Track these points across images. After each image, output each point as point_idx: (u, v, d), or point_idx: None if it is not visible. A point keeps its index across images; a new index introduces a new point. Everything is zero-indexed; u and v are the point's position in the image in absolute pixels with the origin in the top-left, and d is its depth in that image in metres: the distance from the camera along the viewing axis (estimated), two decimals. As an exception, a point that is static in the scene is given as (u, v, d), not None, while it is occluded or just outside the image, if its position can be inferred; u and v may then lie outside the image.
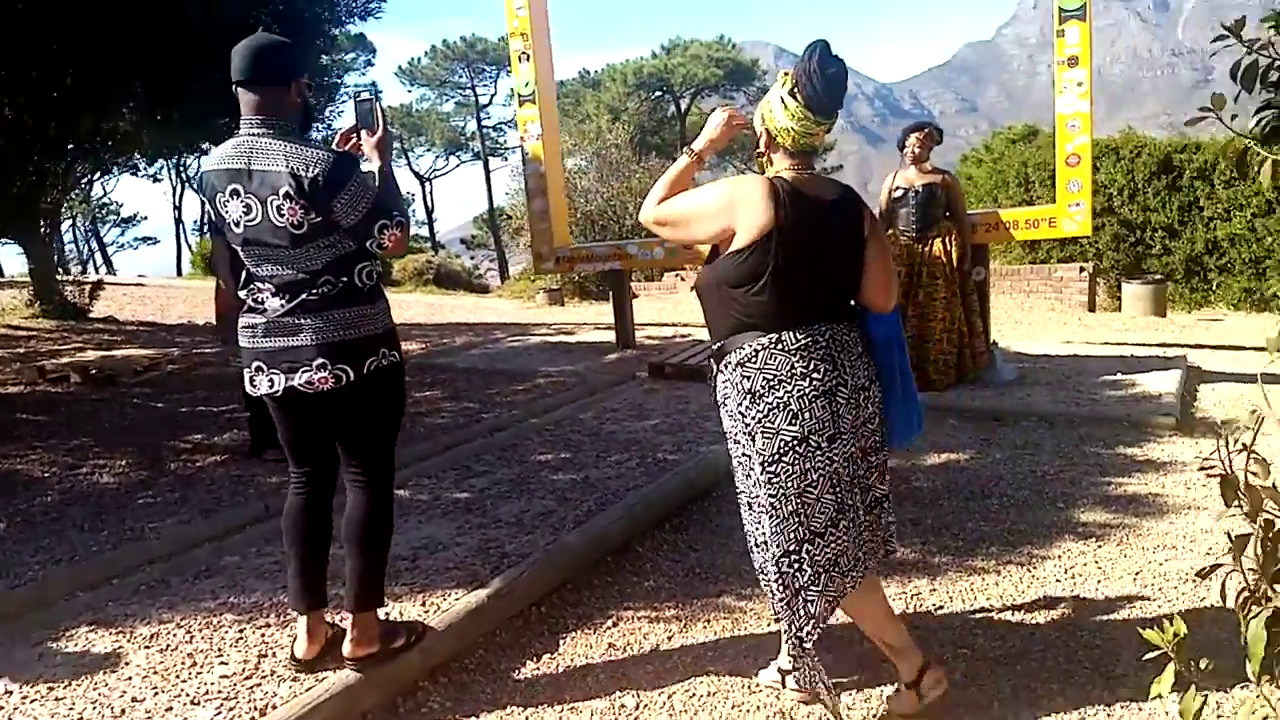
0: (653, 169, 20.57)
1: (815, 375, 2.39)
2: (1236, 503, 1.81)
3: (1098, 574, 3.46)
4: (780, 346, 2.40)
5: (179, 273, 38.48)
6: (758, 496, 2.49)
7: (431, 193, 51.11)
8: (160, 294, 15.76)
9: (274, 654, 3.02)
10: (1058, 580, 3.43)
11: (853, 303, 2.56)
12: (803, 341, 2.40)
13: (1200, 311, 12.82)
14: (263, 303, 2.73)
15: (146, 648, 3.10)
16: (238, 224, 2.65)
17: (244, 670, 2.92)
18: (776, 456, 2.40)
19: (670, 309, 13.74)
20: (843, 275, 2.50)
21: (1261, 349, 7.62)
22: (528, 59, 7.76)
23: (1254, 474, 1.81)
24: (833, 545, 2.45)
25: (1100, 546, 3.70)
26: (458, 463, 4.98)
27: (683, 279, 16.87)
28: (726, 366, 2.49)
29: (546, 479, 4.65)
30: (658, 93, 38.44)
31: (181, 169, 37.50)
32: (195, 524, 4.14)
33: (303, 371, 2.68)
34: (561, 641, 3.22)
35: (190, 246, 45.76)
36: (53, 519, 4.30)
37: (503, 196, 36.82)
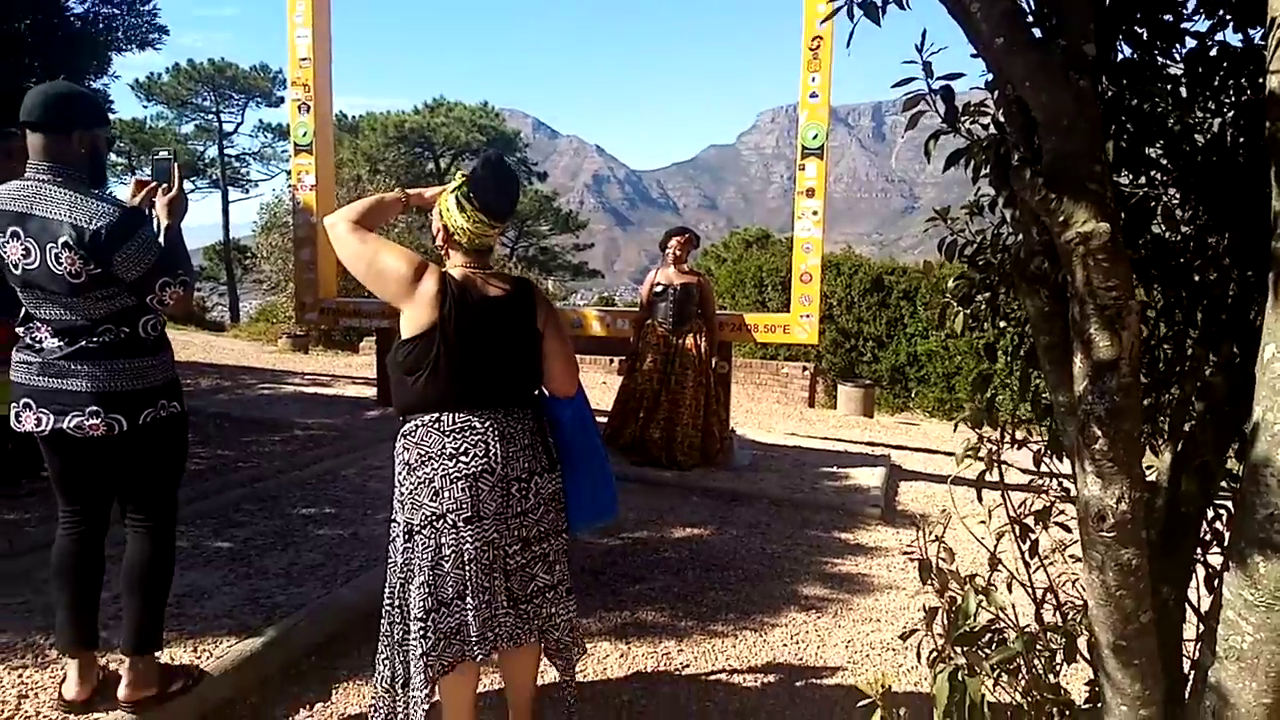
0: (411, 224, 20.54)
1: (463, 459, 2.53)
2: (930, 581, 2.33)
3: (817, 640, 4.01)
4: (437, 426, 2.56)
5: None
6: (396, 563, 2.65)
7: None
8: None
9: (35, 694, 2.95)
10: (784, 645, 3.95)
11: (537, 392, 2.75)
12: (458, 425, 2.54)
13: (900, 415, 14.47)
14: (40, 341, 2.73)
15: (-121, 691, 2.92)
16: (16, 266, 2.66)
17: (3, 711, 2.83)
18: (418, 527, 2.58)
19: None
20: (511, 366, 2.64)
21: (950, 453, 8.84)
22: (307, 110, 7.79)
23: (943, 559, 2.35)
24: (456, 616, 2.60)
25: (819, 617, 4.27)
26: (215, 512, 4.90)
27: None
28: (397, 438, 2.67)
29: (312, 533, 4.69)
30: (418, 148, 38.33)
31: None
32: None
33: (74, 416, 2.70)
34: (335, 691, 3.34)
35: None
36: None
37: (243, 230, 35.09)
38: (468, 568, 2.58)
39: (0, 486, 4.75)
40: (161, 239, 2.75)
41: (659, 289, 6.85)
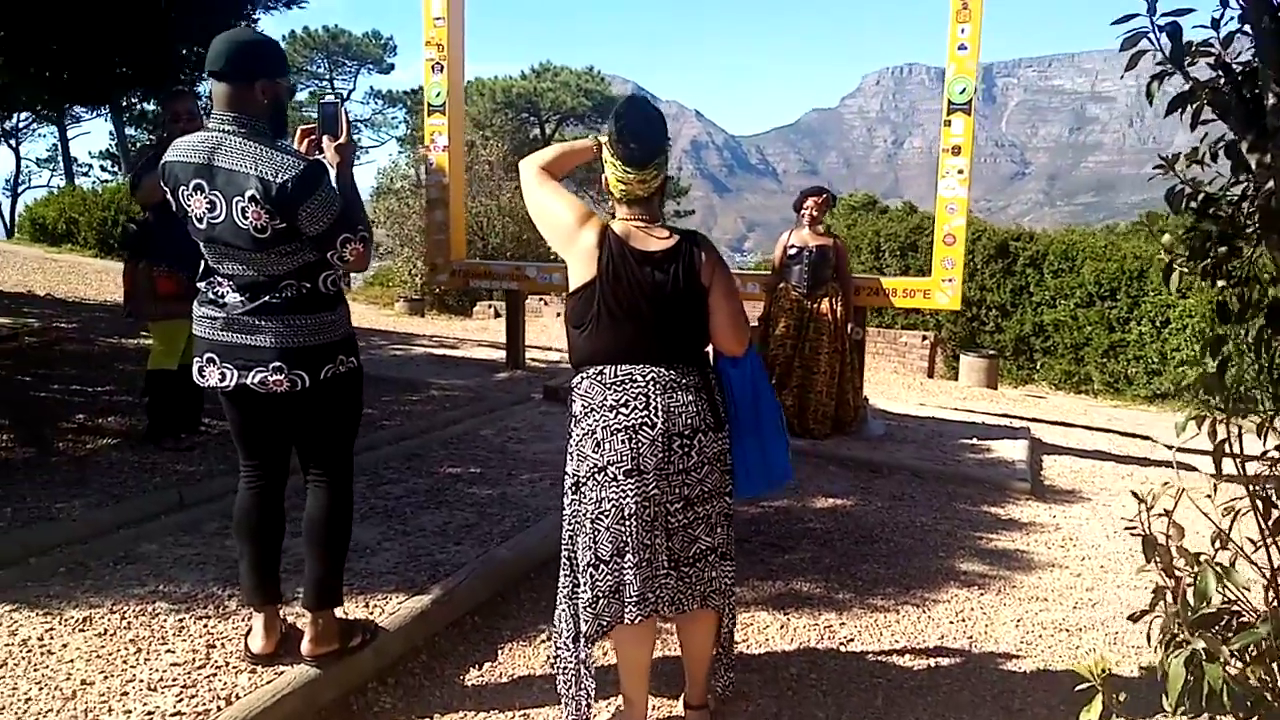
0: (518, 189, 20.64)
1: (623, 410, 2.49)
2: (1155, 560, 2.16)
3: (984, 619, 3.85)
4: (600, 378, 2.54)
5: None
6: (565, 514, 2.65)
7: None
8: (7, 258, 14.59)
9: (221, 645, 3.01)
10: (950, 622, 3.80)
11: (708, 350, 2.67)
12: (619, 378, 2.52)
13: (1025, 387, 13.99)
14: (222, 297, 2.72)
15: (81, 631, 3.03)
16: (200, 220, 2.65)
17: (194, 659, 2.90)
18: (582, 479, 2.56)
19: (538, 331, 13.83)
20: (673, 321, 2.56)
21: (1088, 428, 8.43)
22: (441, 69, 7.80)
23: (1169, 536, 2.17)
24: (614, 575, 2.54)
25: (983, 594, 4.10)
26: (366, 468, 4.96)
27: (546, 303, 17.02)
28: (570, 388, 2.67)
29: (462, 492, 4.72)
30: (524, 113, 38.54)
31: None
32: (107, 508, 3.98)
33: (257, 371, 2.69)
34: (500, 651, 3.33)
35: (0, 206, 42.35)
36: (-62, 490, 4.05)
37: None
38: (627, 523, 2.53)
39: (163, 439, 4.90)
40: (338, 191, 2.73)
41: (793, 251, 6.68)
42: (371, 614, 3.28)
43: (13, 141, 41.28)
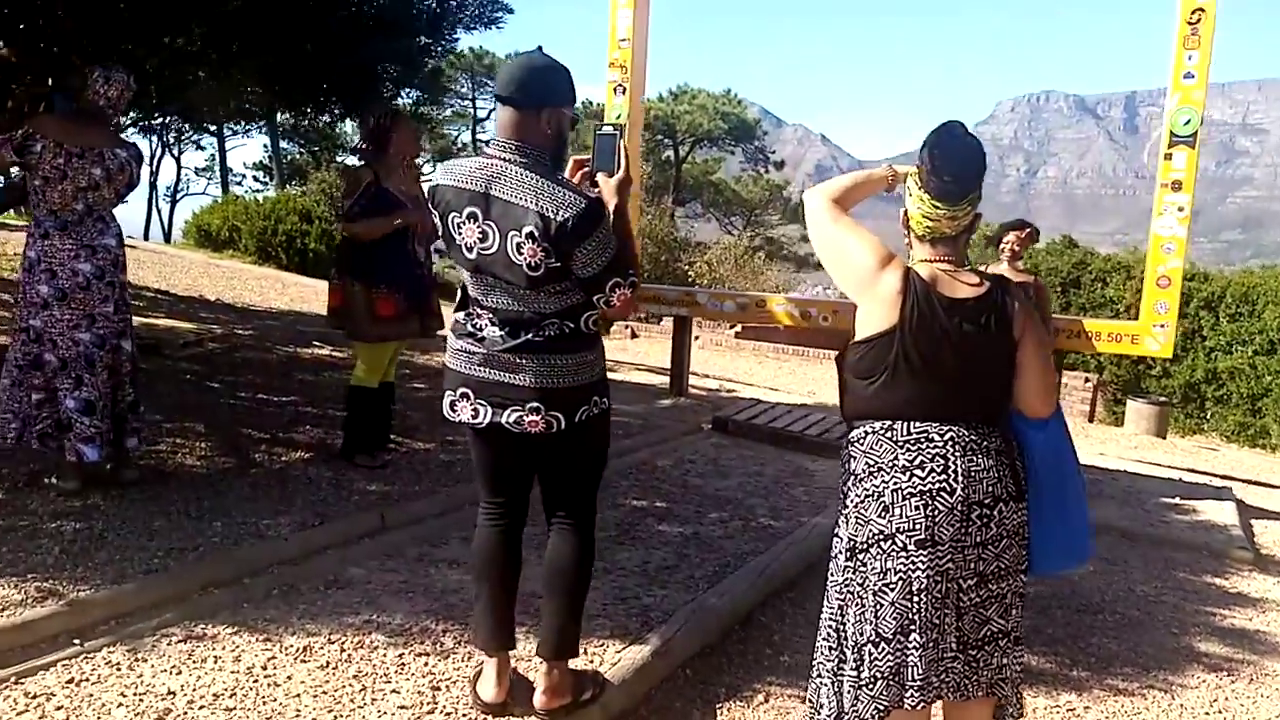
0: (662, 211, 20.66)
1: (918, 473, 2.25)
2: None
3: (1244, 713, 3.44)
4: (889, 434, 2.28)
5: (146, 236, 37.45)
6: (836, 582, 2.39)
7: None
8: (153, 259, 15.25)
9: (446, 688, 2.88)
10: (1206, 714, 3.41)
11: (1008, 407, 2.39)
12: (914, 435, 2.27)
13: (1193, 437, 13.11)
14: (481, 330, 2.61)
15: (303, 662, 2.94)
16: (470, 249, 2.53)
17: (421, 703, 2.78)
18: (862, 545, 2.30)
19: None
20: (978, 378, 2.33)
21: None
22: (623, 91, 7.73)
23: None
24: (896, 655, 2.28)
25: (1234, 681, 3.69)
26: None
27: (700, 326, 16.84)
28: (844, 444, 2.41)
29: (653, 529, 4.54)
30: (660, 135, 38.69)
31: (163, 132, 36.57)
32: (314, 528, 3.94)
33: (513, 410, 2.57)
34: (719, 712, 3.12)
35: (160, 213, 44.75)
36: (150, 499, 4.08)
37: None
38: (916, 599, 2.25)
39: (357, 455, 4.88)
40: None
41: (990, 288, 6.31)
42: (591, 662, 3.11)
43: (175, 151, 43.55)
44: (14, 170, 4.82)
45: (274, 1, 4.83)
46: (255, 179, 43.80)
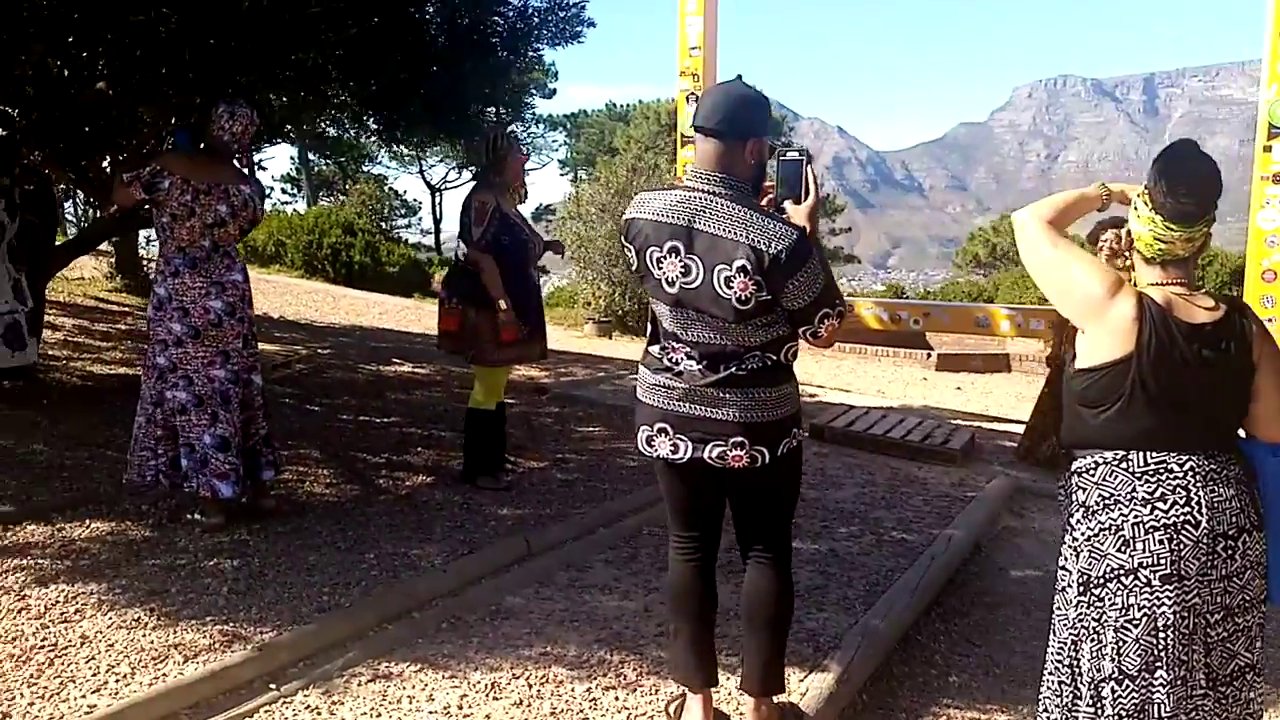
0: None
1: (1160, 505, 2.16)
2: None
3: None
4: (1124, 465, 2.20)
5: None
6: (1066, 616, 2.31)
7: (441, 204, 50.82)
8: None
9: (644, 724, 2.83)
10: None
11: (1240, 433, 2.31)
12: (1152, 466, 2.19)
13: None
14: (678, 364, 2.56)
15: (495, 699, 2.91)
16: (671, 284, 2.48)
17: (623, 741, 2.73)
18: (1098, 581, 2.22)
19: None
20: (1215, 405, 2.25)
21: None
22: (695, 99, 7.68)
23: None
24: (1141, 693, 2.20)
25: None
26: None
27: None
28: (1069, 473, 2.33)
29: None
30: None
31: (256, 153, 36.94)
32: (465, 557, 3.91)
33: (715, 445, 2.52)
34: (903, 740, 3.06)
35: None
36: (294, 531, 4.06)
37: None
38: (1162, 635, 2.17)
39: (478, 477, 4.85)
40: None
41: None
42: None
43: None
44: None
45: (382, 25, 4.81)
46: (284, 190, 44.10)
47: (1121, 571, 2.19)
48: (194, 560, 3.68)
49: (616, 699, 2.96)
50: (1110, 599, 2.21)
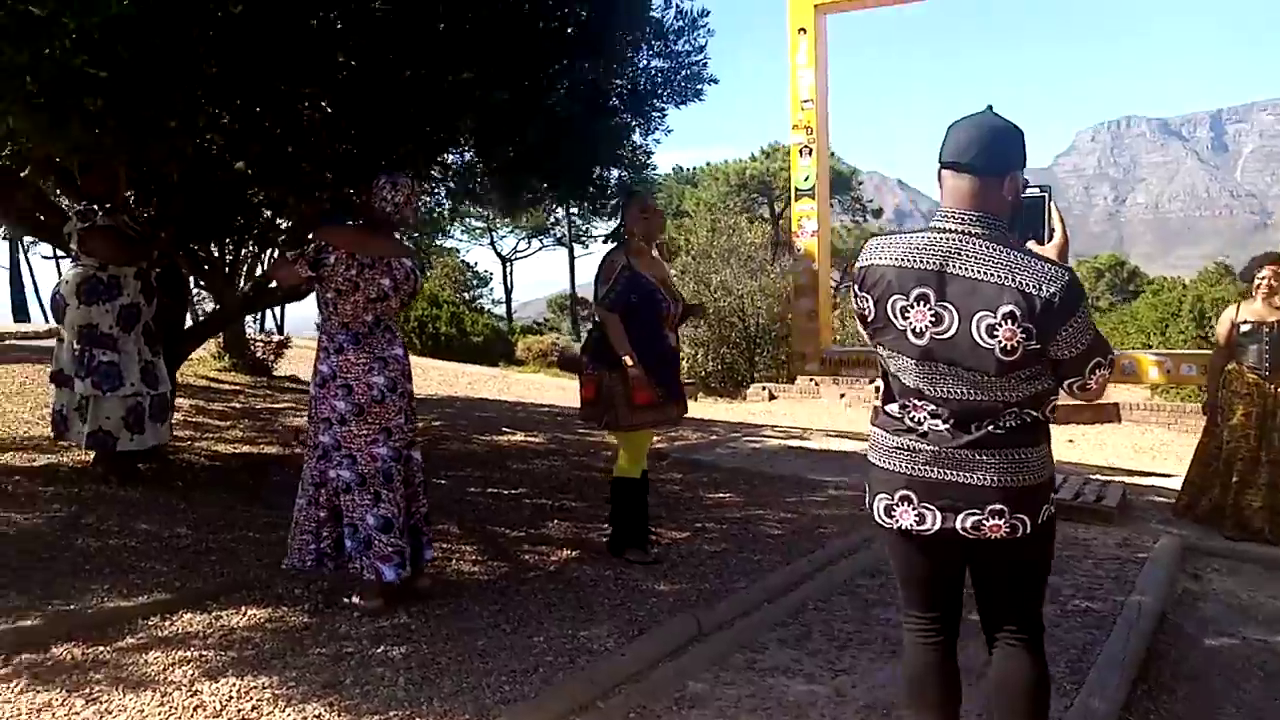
0: (784, 268, 20.43)
1: None
2: None
3: None
4: None
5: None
6: None
7: (511, 274, 51.54)
8: (298, 350, 15.50)
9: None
10: None
11: None
12: None
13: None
14: (921, 424, 2.33)
15: (711, 800, 2.66)
16: (919, 334, 2.27)
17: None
18: None
19: (821, 415, 13.30)
20: None
21: None
22: (809, 153, 7.53)
23: None
24: None
25: None
26: (854, 586, 4.49)
27: (817, 384, 16.44)
28: None
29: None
30: (755, 195, 38.70)
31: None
32: (638, 640, 3.69)
33: (969, 515, 2.28)
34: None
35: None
36: (455, 614, 3.88)
37: (584, 283, 37.13)
38: None
39: (626, 550, 4.65)
40: None
41: (1246, 327, 5.86)
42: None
43: (255, 247, 45.14)
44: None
45: (523, 90, 4.76)
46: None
47: None
48: (360, 648, 3.51)
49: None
50: None
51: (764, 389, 17.08)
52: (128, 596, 3.86)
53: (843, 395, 15.41)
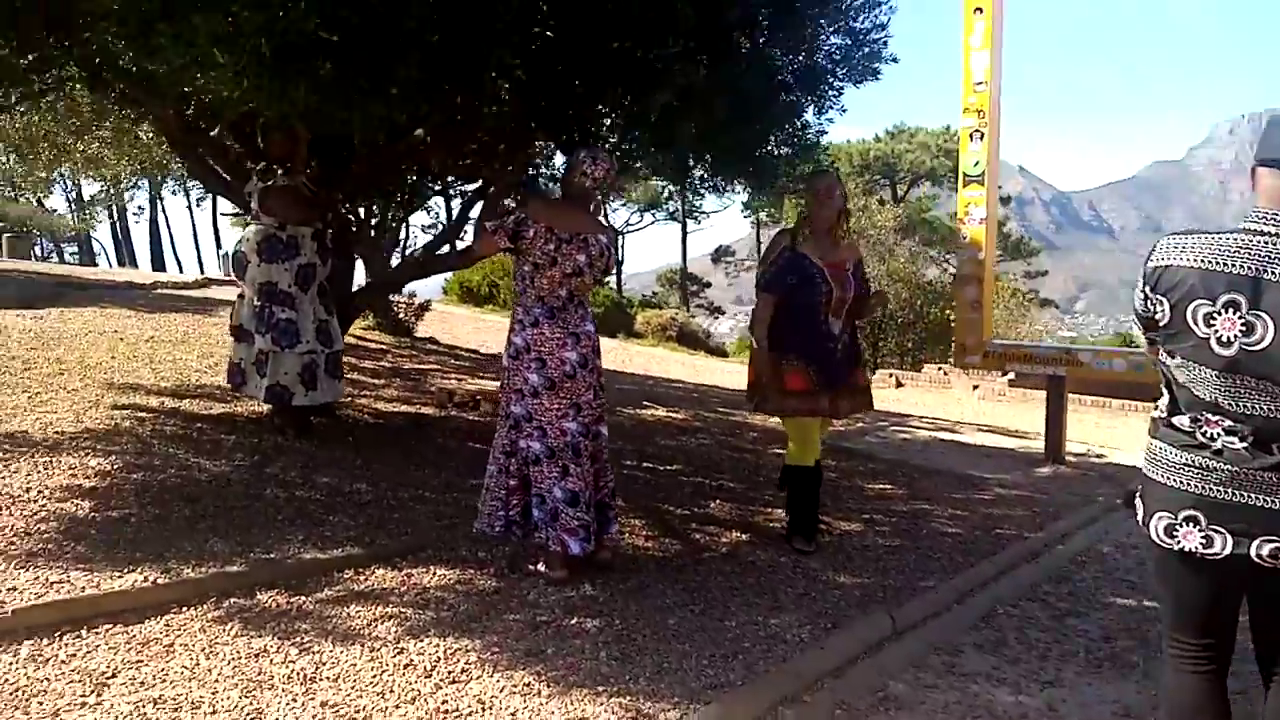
0: (913, 252, 19.98)
1: None
2: None
3: None
4: None
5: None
6: None
7: (623, 247, 51.69)
8: (449, 319, 15.76)
9: None
10: None
11: None
12: None
13: None
14: (1216, 439, 2.16)
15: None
16: (1225, 344, 2.08)
17: None
18: None
19: (953, 405, 12.89)
20: None
21: None
22: (980, 137, 7.28)
23: None
24: None
25: None
26: (1036, 593, 4.32)
27: (945, 372, 15.98)
28: None
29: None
30: (879, 176, 37.78)
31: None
32: (831, 634, 3.60)
33: (1267, 542, 2.10)
34: None
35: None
36: (639, 590, 3.86)
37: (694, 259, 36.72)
38: None
39: (794, 537, 4.57)
40: None
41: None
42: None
43: (401, 212, 46.31)
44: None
45: (713, 64, 4.67)
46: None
47: None
48: (554, 616, 3.52)
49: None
50: None
51: (891, 375, 16.70)
52: (322, 549, 3.95)
53: (976, 387, 14.94)
